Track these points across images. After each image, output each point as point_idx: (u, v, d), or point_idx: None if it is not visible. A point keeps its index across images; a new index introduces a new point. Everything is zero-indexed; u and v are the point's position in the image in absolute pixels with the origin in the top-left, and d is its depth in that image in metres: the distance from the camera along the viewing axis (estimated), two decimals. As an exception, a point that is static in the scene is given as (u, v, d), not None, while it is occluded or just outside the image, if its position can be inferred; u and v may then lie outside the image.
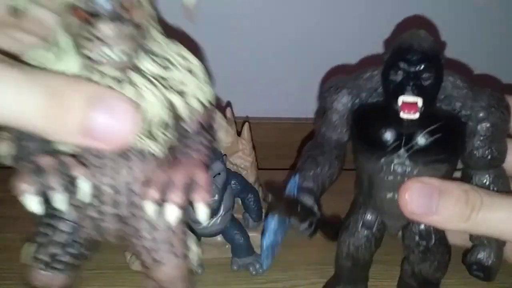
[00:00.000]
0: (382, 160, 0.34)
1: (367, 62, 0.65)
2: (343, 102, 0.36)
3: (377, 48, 0.65)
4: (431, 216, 0.28)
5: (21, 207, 0.55)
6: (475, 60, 0.63)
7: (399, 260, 0.49)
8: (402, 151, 0.34)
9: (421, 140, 0.33)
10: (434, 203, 0.28)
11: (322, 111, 0.38)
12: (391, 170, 0.34)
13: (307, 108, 0.72)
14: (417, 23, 0.62)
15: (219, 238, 0.50)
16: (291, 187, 0.40)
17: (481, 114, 0.34)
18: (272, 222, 0.39)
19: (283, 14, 0.66)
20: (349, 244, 0.40)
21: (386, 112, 0.33)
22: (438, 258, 0.39)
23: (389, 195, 0.35)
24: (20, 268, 0.49)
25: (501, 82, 0.65)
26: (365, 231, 0.39)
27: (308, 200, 0.37)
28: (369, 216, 0.39)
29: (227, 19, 0.65)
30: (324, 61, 0.68)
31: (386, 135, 0.34)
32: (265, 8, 0.65)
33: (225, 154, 0.48)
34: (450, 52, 0.53)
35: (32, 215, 0.29)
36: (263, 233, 0.40)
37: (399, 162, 0.34)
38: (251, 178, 0.53)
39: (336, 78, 0.38)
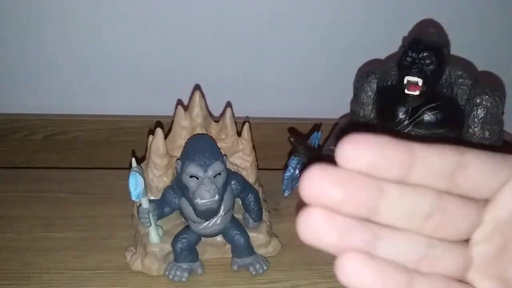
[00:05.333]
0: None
1: (367, 64, 0.65)
2: (371, 84, 0.45)
3: (376, 50, 0.66)
4: None
5: (21, 207, 0.55)
6: (479, 59, 0.64)
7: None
8: (406, 123, 0.42)
9: (421, 114, 0.41)
10: None
11: (355, 91, 0.46)
12: None
13: (307, 108, 0.73)
14: (429, 24, 0.63)
15: (219, 238, 0.50)
16: (313, 139, 0.48)
17: (477, 100, 0.41)
18: (294, 160, 0.46)
19: (283, 14, 0.66)
20: None
21: (398, 92, 0.41)
22: None
23: None
24: (20, 268, 0.49)
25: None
26: None
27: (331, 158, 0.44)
28: None
29: (228, 20, 0.65)
30: (324, 62, 0.68)
31: (395, 109, 0.42)
32: (265, 9, 0.65)
33: (225, 154, 0.48)
34: (460, 53, 0.57)
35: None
36: (285, 169, 0.48)
37: (404, 131, 0.42)
38: (251, 178, 0.52)
39: (369, 64, 0.48)
